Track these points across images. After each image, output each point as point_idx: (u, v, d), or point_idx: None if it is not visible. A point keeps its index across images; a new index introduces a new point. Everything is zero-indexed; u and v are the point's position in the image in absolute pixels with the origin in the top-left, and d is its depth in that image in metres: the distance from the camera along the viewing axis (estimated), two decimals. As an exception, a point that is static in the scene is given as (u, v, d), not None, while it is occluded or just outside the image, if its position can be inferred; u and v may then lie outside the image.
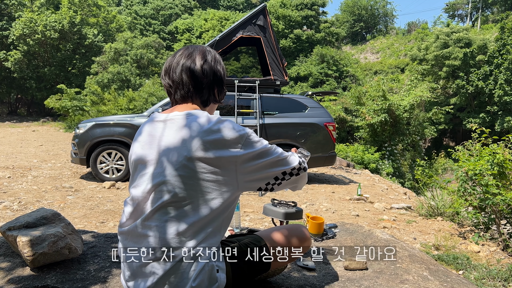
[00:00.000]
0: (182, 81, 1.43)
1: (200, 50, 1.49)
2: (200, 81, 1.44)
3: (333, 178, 8.05)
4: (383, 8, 54.81)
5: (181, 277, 1.31)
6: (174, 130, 1.35)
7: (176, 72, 1.44)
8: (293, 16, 33.53)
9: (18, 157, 8.78)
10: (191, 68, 1.43)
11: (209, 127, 1.31)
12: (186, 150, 1.29)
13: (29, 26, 24.67)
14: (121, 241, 1.42)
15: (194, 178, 1.28)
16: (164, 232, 1.30)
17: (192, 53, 1.46)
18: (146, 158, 1.39)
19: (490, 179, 4.07)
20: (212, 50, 1.54)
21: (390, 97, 13.45)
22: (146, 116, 6.54)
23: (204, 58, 1.46)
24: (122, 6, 44.04)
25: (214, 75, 1.47)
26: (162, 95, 17.07)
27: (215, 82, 1.48)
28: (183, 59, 1.45)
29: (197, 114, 1.37)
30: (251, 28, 7.09)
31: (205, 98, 1.47)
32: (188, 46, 1.53)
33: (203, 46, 1.54)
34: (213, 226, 1.36)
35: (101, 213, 4.50)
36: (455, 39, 26.96)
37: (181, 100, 1.46)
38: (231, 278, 1.43)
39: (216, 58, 1.50)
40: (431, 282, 1.82)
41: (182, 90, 1.44)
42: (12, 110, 30.51)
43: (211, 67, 1.46)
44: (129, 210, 1.40)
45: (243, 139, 1.33)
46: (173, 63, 1.46)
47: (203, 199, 1.31)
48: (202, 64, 1.44)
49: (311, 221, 2.39)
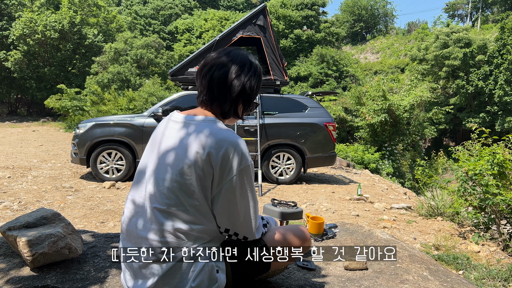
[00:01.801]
0: (208, 87, 1.39)
1: (240, 61, 1.41)
2: (225, 93, 1.39)
3: (333, 178, 8.05)
4: (383, 8, 54.80)
5: (180, 277, 1.31)
6: (179, 134, 1.35)
7: (207, 75, 1.39)
8: (293, 16, 33.53)
9: (18, 157, 8.78)
10: (220, 78, 1.37)
11: (216, 142, 1.28)
12: (187, 157, 1.28)
13: (29, 26, 24.66)
14: (121, 241, 1.43)
15: (191, 185, 1.29)
16: (163, 233, 1.31)
17: (230, 62, 1.39)
18: (148, 159, 1.40)
19: (490, 179, 4.07)
20: (255, 63, 1.45)
21: (390, 97, 13.45)
22: (146, 116, 6.54)
23: (240, 71, 1.39)
24: (122, 6, 44.02)
25: (242, 92, 1.40)
26: (162, 95, 17.07)
27: (241, 98, 1.41)
28: (218, 64, 1.39)
29: (211, 123, 1.34)
30: (251, 28, 7.09)
31: (226, 111, 1.41)
32: (232, 51, 1.44)
33: (246, 56, 1.44)
34: (213, 227, 1.37)
35: (101, 213, 4.50)
36: (455, 39, 26.96)
37: (203, 104, 1.42)
38: (231, 278, 1.43)
39: (254, 74, 1.42)
40: (431, 282, 1.82)
41: (206, 96, 1.40)
42: (12, 110, 30.50)
43: (243, 83, 1.39)
44: (128, 211, 1.41)
45: (241, 173, 1.30)
46: (208, 64, 1.41)
47: (200, 203, 1.31)
48: (234, 78, 1.38)
49: (311, 221, 2.39)
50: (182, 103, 6.79)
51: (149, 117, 6.50)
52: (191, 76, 6.88)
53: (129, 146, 6.45)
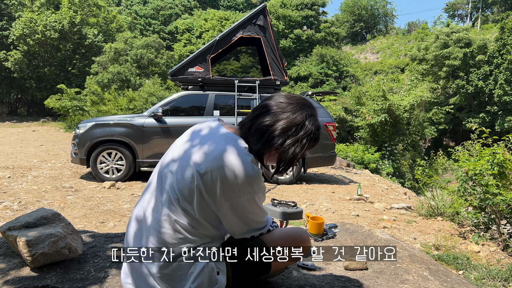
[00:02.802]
0: (259, 123, 1.32)
1: (298, 118, 1.32)
2: (268, 140, 1.31)
3: (333, 178, 8.05)
4: (383, 8, 54.79)
5: (180, 277, 1.31)
6: (189, 143, 1.36)
7: (266, 112, 1.32)
8: (293, 16, 33.53)
9: (18, 157, 8.78)
10: (276, 127, 1.30)
11: (242, 163, 1.25)
12: (199, 167, 1.28)
13: (29, 26, 24.65)
14: (124, 242, 1.44)
15: (197, 192, 1.29)
16: (165, 234, 1.31)
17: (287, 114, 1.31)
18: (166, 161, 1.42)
19: (490, 179, 4.07)
20: (315, 125, 1.34)
21: (390, 97, 13.44)
22: (146, 116, 6.54)
23: (299, 131, 1.30)
24: (122, 6, 44.01)
25: (285, 153, 1.32)
26: (162, 95, 17.07)
27: (278, 152, 1.33)
28: (287, 116, 1.30)
29: (235, 143, 1.31)
30: (251, 28, 7.08)
31: (255, 150, 1.33)
32: (304, 107, 1.34)
33: (312, 114, 1.35)
34: (214, 227, 1.37)
35: (101, 213, 4.50)
36: (455, 39, 26.95)
37: (242, 127, 1.37)
38: (231, 279, 1.43)
39: (306, 138, 1.32)
40: (431, 282, 1.82)
41: (248, 126, 1.35)
42: (12, 110, 30.50)
43: (291, 145, 1.30)
44: (135, 212, 1.43)
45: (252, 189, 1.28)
46: (280, 107, 1.32)
47: (203, 208, 1.32)
48: (285, 139, 1.30)
49: (311, 221, 2.39)
50: (182, 103, 6.79)
51: (149, 117, 6.50)
52: (191, 76, 6.88)
53: (129, 146, 6.45)
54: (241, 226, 1.37)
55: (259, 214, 1.38)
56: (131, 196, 5.50)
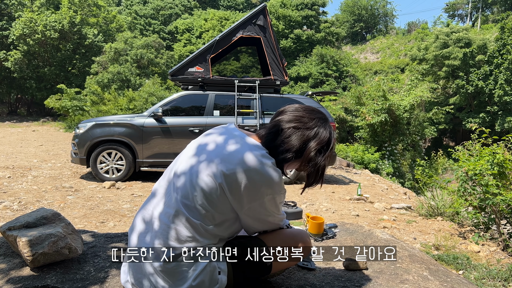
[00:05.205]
0: (286, 136, 1.37)
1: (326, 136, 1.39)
2: (298, 150, 1.36)
3: (333, 178, 8.05)
4: (383, 8, 54.80)
5: (180, 275, 1.31)
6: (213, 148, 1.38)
7: (291, 129, 1.38)
8: (293, 16, 33.52)
9: (18, 157, 8.78)
10: (310, 149, 1.35)
11: (261, 166, 1.29)
12: (223, 167, 1.30)
13: (29, 26, 24.65)
14: (128, 242, 1.45)
15: (220, 191, 1.31)
16: (172, 234, 1.31)
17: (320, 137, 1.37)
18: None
19: (490, 179, 4.07)
20: (331, 134, 1.41)
21: (390, 97, 13.43)
22: (146, 116, 6.54)
23: (319, 150, 1.37)
24: (122, 6, 44.00)
25: (318, 166, 1.39)
26: (162, 95, 17.06)
27: (303, 160, 1.38)
28: (314, 129, 1.38)
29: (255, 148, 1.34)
30: (251, 28, 7.09)
31: (278, 158, 1.37)
32: (323, 123, 1.41)
33: (329, 132, 1.41)
34: (225, 228, 1.38)
35: (101, 213, 4.50)
36: (455, 39, 26.95)
37: (267, 135, 1.41)
38: (232, 279, 1.43)
39: (330, 149, 1.40)
40: (431, 282, 1.82)
41: (268, 137, 1.40)
42: (12, 110, 30.50)
43: (318, 160, 1.37)
44: (139, 217, 1.43)
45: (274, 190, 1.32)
46: (304, 118, 1.40)
47: (221, 206, 1.34)
48: (314, 154, 1.36)
49: (311, 221, 2.39)
50: (182, 103, 6.79)
51: (149, 117, 6.50)
52: (191, 76, 6.88)
53: (129, 146, 6.45)
54: (259, 226, 1.44)
55: (278, 215, 1.45)
56: (131, 196, 5.50)
